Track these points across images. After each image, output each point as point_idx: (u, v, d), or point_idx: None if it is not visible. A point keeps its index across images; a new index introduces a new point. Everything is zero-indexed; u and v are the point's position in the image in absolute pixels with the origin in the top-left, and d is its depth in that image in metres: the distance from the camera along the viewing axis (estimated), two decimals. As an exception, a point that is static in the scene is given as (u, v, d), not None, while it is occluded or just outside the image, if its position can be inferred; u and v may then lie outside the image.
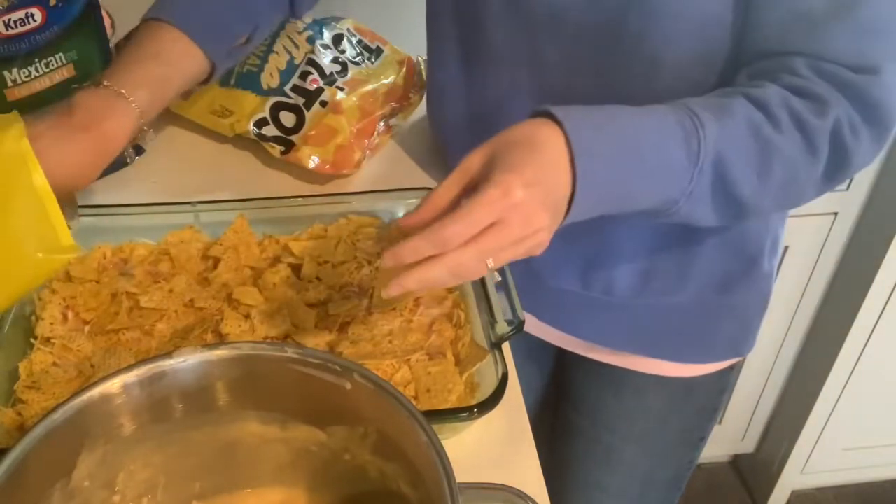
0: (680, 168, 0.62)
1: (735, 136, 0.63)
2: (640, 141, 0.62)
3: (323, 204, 0.87)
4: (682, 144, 0.62)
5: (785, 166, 0.65)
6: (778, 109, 0.64)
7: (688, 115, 0.63)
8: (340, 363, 0.53)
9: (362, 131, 0.97)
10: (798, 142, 0.65)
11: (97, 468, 0.53)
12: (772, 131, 0.64)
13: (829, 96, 0.65)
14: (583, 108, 0.61)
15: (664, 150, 0.62)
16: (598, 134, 0.60)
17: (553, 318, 0.95)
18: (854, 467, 1.84)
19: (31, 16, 0.82)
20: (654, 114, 0.63)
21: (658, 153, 0.62)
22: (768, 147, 0.64)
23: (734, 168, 0.64)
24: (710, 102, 0.65)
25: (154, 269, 0.81)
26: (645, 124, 0.63)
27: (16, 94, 0.85)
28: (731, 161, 0.63)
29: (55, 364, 0.72)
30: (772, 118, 0.64)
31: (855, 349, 1.58)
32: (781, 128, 0.64)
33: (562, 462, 1.08)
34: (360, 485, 0.57)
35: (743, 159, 0.64)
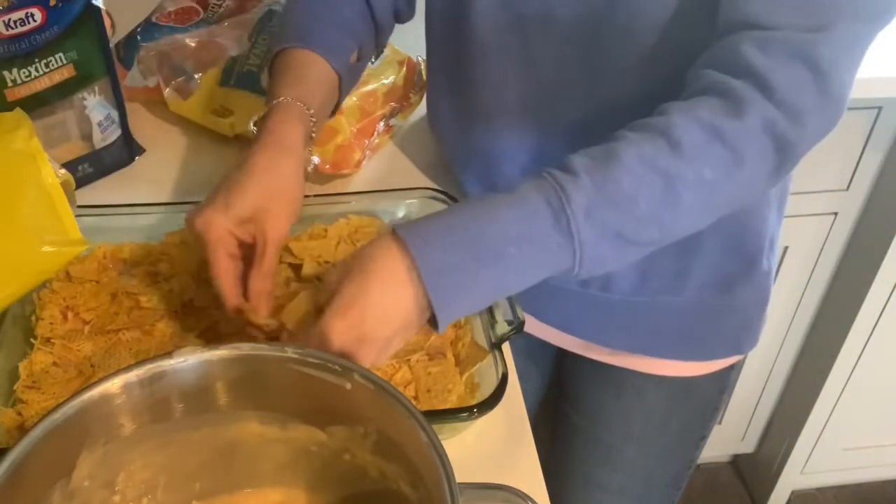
0: (556, 247, 0.60)
1: (626, 183, 0.60)
2: (495, 239, 0.60)
3: (323, 204, 0.87)
4: (552, 225, 0.60)
5: (696, 188, 0.62)
6: (680, 130, 0.61)
7: (553, 190, 0.60)
8: (340, 363, 0.53)
9: (362, 131, 0.97)
10: (713, 154, 0.62)
11: (97, 468, 0.53)
12: (670, 159, 0.61)
13: (755, 89, 0.62)
14: (430, 224, 0.61)
15: (528, 239, 0.60)
16: (447, 251, 0.60)
17: (553, 318, 0.95)
18: (854, 467, 1.84)
19: (31, 16, 0.82)
20: (514, 204, 0.61)
21: (521, 244, 0.60)
22: (669, 177, 0.61)
23: (627, 218, 0.61)
24: (592, 155, 0.62)
25: (154, 269, 0.81)
26: (500, 220, 0.60)
27: (16, 94, 0.85)
28: (623, 216, 0.61)
29: (55, 364, 0.72)
30: (671, 144, 0.61)
31: (855, 349, 1.58)
32: (682, 151, 0.61)
33: (562, 461, 1.08)
34: (360, 485, 0.57)
35: (641, 204, 0.61)
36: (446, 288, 0.59)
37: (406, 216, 0.88)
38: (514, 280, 0.62)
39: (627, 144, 0.62)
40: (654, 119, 0.63)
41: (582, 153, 0.63)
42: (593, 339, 0.95)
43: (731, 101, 0.62)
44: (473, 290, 0.61)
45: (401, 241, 0.59)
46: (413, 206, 0.88)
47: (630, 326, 0.92)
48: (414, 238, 0.59)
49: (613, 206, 0.60)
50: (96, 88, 0.93)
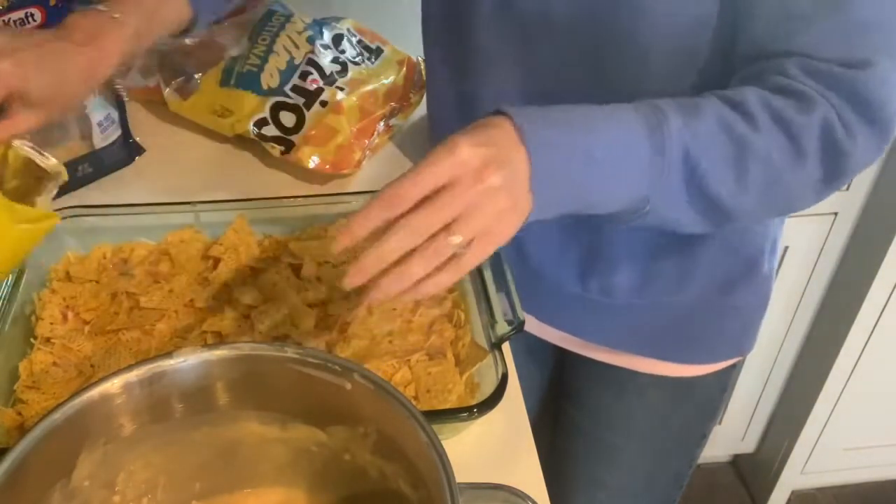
0: (646, 162, 0.60)
1: (705, 133, 0.62)
2: (598, 134, 0.60)
3: (323, 204, 0.87)
4: (646, 138, 0.60)
5: (764, 166, 0.63)
6: (755, 108, 0.62)
7: (651, 110, 0.61)
8: (340, 363, 0.53)
9: (362, 131, 0.97)
10: (780, 141, 0.63)
11: (97, 468, 0.53)
12: (747, 129, 0.62)
13: (817, 94, 0.63)
14: (539, 108, 0.60)
15: (626, 143, 0.60)
16: (552, 125, 0.59)
17: (553, 318, 0.95)
18: (854, 467, 1.84)
19: (31, 16, 0.82)
20: (616, 110, 0.62)
21: (620, 146, 0.60)
22: (743, 145, 0.62)
23: (705, 163, 0.62)
24: (680, 101, 0.63)
25: (154, 269, 0.81)
26: (604, 119, 0.61)
27: (16, 94, 0.85)
28: (701, 157, 0.62)
29: (55, 364, 0.72)
30: (747, 117, 0.62)
31: (855, 349, 1.58)
32: (758, 126, 0.62)
33: (564, 461, 1.08)
34: (360, 485, 0.57)
35: (715, 156, 0.62)
36: (549, 160, 0.58)
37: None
38: (603, 182, 0.60)
39: (711, 104, 0.63)
40: (731, 91, 0.64)
41: (666, 99, 0.63)
42: (594, 340, 0.95)
43: (797, 99, 0.63)
44: (568, 178, 0.59)
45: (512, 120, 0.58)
46: (413, 206, 0.88)
47: (631, 328, 0.92)
48: (523, 115, 0.58)
49: (698, 147, 0.61)
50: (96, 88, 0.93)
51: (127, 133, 0.98)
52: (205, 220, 0.85)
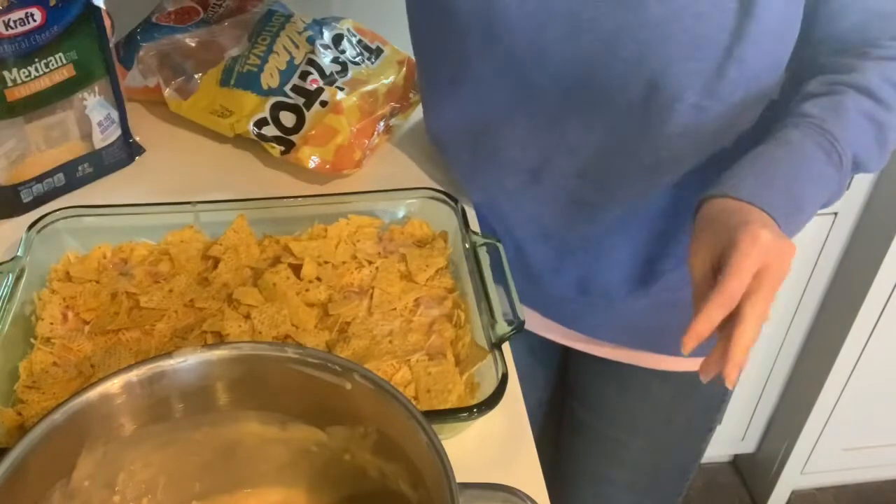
0: (833, 181, 0.70)
1: (854, 128, 0.71)
2: (803, 186, 0.69)
3: (323, 204, 0.86)
4: (828, 163, 0.69)
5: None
6: (881, 91, 0.71)
7: (819, 133, 0.70)
8: (340, 363, 0.53)
9: (362, 131, 0.97)
10: None
11: (97, 468, 0.53)
12: (884, 113, 0.71)
13: None
14: (746, 176, 0.68)
15: (820, 181, 0.70)
16: (772, 191, 0.67)
17: (556, 315, 0.95)
18: (854, 467, 1.84)
19: (31, 16, 0.82)
20: (798, 149, 0.70)
21: (820, 190, 0.70)
22: (883, 128, 0.71)
23: (861, 152, 0.71)
24: (824, 105, 0.71)
25: (154, 269, 0.81)
26: (797, 164, 0.69)
27: (16, 94, 0.85)
28: (858, 149, 0.71)
29: (55, 364, 0.72)
30: (880, 102, 0.71)
31: (855, 349, 1.58)
32: (890, 105, 0.71)
33: (569, 457, 1.08)
34: (361, 485, 0.57)
35: (865, 142, 0.71)
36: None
37: (406, 216, 0.88)
38: (811, 210, 0.70)
39: (850, 101, 0.71)
40: (854, 77, 0.72)
41: (812, 103, 0.72)
42: (597, 336, 0.95)
43: None
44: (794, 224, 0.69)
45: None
46: (413, 205, 0.88)
47: (632, 325, 0.92)
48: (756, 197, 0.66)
49: (855, 144, 0.71)
50: (96, 88, 0.93)
51: (127, 133, 0.98)
52: (205, 220, 0.85)
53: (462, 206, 0.85)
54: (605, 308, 0.91)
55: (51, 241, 0.81)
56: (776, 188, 0.68)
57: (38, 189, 0.91)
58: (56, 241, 0.81)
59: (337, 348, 0.73)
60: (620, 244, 0.86)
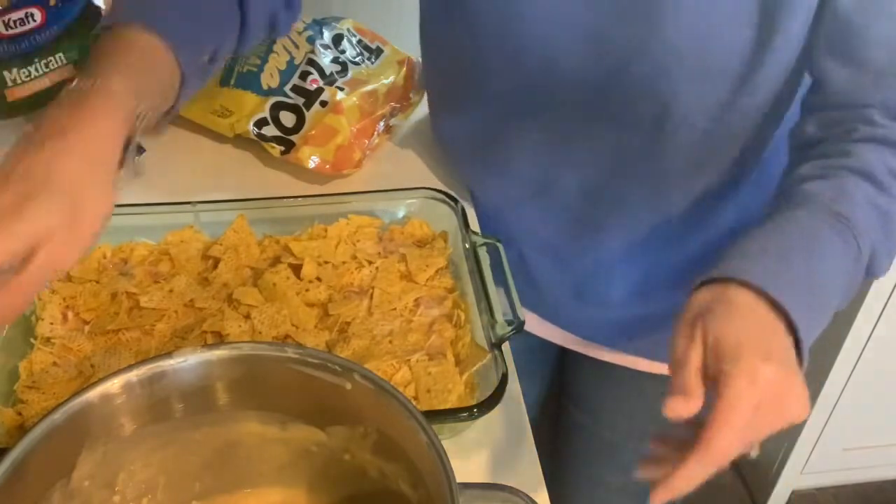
0: (850, 274, 0.65)
1: (863, 217, 0.65)
2: (823, 275, 0.63)
3: (323, 204, 0.86)
4: (845, 252, 0.64)
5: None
6: (883, 176, 0.67)
7: (835, 219, 0.64)
8: (340, 363, 0.53)
9: (362, 131, 0.97)
10: None
11: (97, 468, 0.53)
12: (886, 201, 0.66)
13: None
14: (759, 263, 0.60)
15: (839, 269, 0.64)
16: (791, 285, 0.59)
17: (553, 318, 0.95)
18: (854, 467, 1.84)
19: (31, 16, 0.82)
20: (817, 239, 0.64)
21: (836, 274, 0.64)
22: (887, 217, 0.67)
23: (877, 246, 0.66)
24: (834, 191, 0.66)
25: (154, 269, 0.81)
26: (817, 253, 0.64)
27: (16, 94, 0.85)
28: (874, 240, 0.66)
29: (55, 364, 0.72)
30: (882, 188, 0.67)
31: (855, 349, 1.58)
32: (892, 194, 0.67)
33: (565, 459, 1.08)
34: (360, 485, 0.57)
35: (877, 234, 0.66)
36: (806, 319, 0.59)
37: (406, 216, 0.88)
38: (833, 304, 0.66)
39: (855, 188, 0.66)
40: (852, 161, 0.67)
41: (812, 184, 0.67)
42: (595, 340, 0.95)
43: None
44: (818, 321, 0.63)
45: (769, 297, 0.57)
46: (413, 205, 0.88)
47: (631, 331, 0.92)
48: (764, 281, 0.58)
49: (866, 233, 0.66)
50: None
51: (127, 133, 0.98)
52: (205, 220, 0.85)
53: (462, 206, 0.85)
54: (602, 314, 0.91)
55: (51, 241, 0.81)
56: (794, 276, 0.60)
57: (38, 189, 0.91)
58: (56, 241, 0.81)
59: (337, 348, 0.73)
60: (620, 261, 0.87)
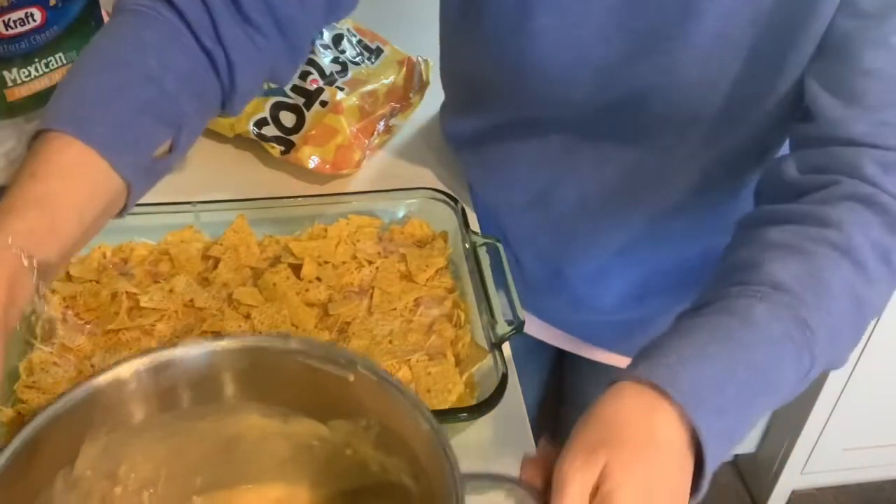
0: (793, 389, 0.57)
1: (839, 317, 0.58)
2: (759, 388, 0.55)
3: (323, 204, 0.87)
4: (795, 365, 0.56)
5: (874, 311, 0.62)
6: (866, 256, 0.59)
7: (800, 330, 0.56)
8: (344, 355, 0.53)
9: (362, 131, 0.97)
10: (884, 275, 0.61)
11: (99, 458, 0.53)
12: (864, 287, 0.59)
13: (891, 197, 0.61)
14: (697, 377, 0.53)
15: (780, 379, 0.56)
16: (722, 413, 0.53)
17: (553, 318, 0.95)
18: (854, 467, 1.84)
19: (31, 16, 0.82)
20: (765, 342, 0.56)
21: (775, 388, 0.56)
22: (860, 304, 0.59)
23: (835, 356, 0.60)
24: (805, 281, 0.58)
25: (154, 269, 0.81)
26: (762, 383, 0.56)
27: (16, 94, 0.85)
28: (834, 352, 0.60)
29: (55, 364, 0.72)
30: (861, 269, 0.59)
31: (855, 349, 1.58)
32: (871, 277, 0.59)
33: None
34: (362, 479, 0.57)
35: (843, 333, 0.60)
36: (720, 449, 0.52)
37: (406, 216, 0.88)
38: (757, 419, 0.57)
39: (834, 273, 0.59)
40: (832, 233, 0.60)
41: (782, 264, 0.58)
42: (592, 341, 0.95)
43: (884, 217, 0.61)
44: (732, 443, 0.54)
45: (677, 406, 0.51)
46: (413, 205, 0.88)
47: (627, 334, 0.92)
48: (691, 401, 0.51)
49: (830, 337, 0.58)
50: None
51: (126, 134, 0.98)
52: (205, 220, 0.85)
53: (462, 206, 0.85)
54: (600, 318, 0.91)
55: (51, 241, 0.81)
56: (729, 403, 0.53)
57: (38, 190, 0.91)
58: (56, 241, 0.81)
59: (337, 346, 0.73)
60: (617, 268, 0.87)
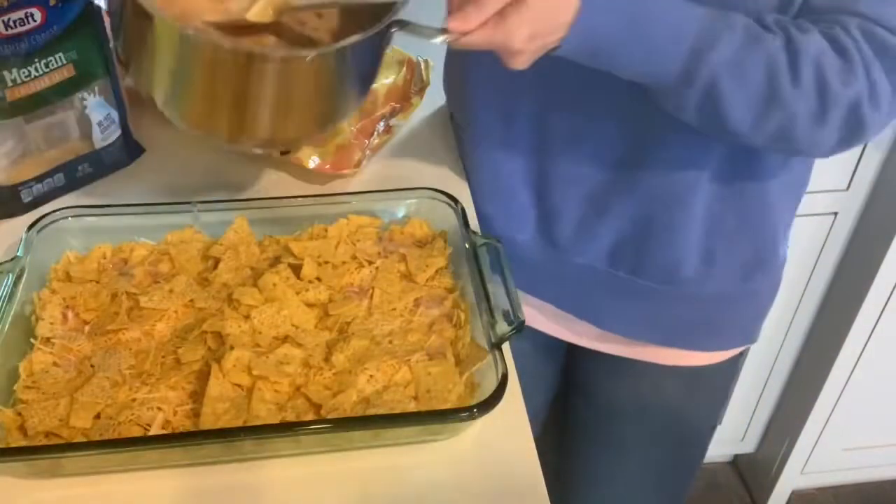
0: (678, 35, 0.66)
1: (748, 65, 0.66)
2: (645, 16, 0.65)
3: (323, 204, 0.87)
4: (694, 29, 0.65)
5: (784, 118, 0.68)
6: (805, 65, 0.66)
7: (717, 15, 0.66)
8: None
9: (362, 131, 0.97)
10: (811, 104, 0.67)
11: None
12: (787, 80, 0.66)
13: (863, 63, 0.67)
14: None
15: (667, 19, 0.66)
16: None
17: (573, 305, 0.94)
18: (854, 467, 1.84)
19: (31, 16, 0.82)
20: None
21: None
22: (774, 90, 0.67)
23: (728, 82, 0.66)
24: (744, 30, 0.67)
25: (154, 269, 0.81)
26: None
27: (16, 94, 0.85)
28: (729, 73, 0.66)
29: (55, 364, 0.73)
30: (794, 69, 0.66)
31: (855, 349, 1.58)
32: (800, 83, 0.66)
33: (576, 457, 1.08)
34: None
35: (742, 83, 0.67)
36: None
37: (406, 216, 0.88)
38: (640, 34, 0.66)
39: (768, 39, 0.66)
40: (797, 35, 0.67)
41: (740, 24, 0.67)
42: (612, 328, 0.93)
43: (846, 63, 0.67)
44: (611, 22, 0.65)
45: None
46: (413, 205, 0.88)
47: (651, 316, 0.91)
48: None
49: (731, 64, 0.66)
50: (96, 88, 0.93)
51: (127, 133, 0.98)
52: (205, 220, 0.85)
53: (462, 206, 0.85)
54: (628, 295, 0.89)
55: (51, 241, 0.81)
56: None
57: (38, 189, 0.91)
58: (56, 241, 0.81)
59: (337, 348, 0.73)
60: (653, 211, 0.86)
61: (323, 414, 0.68)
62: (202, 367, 0.72)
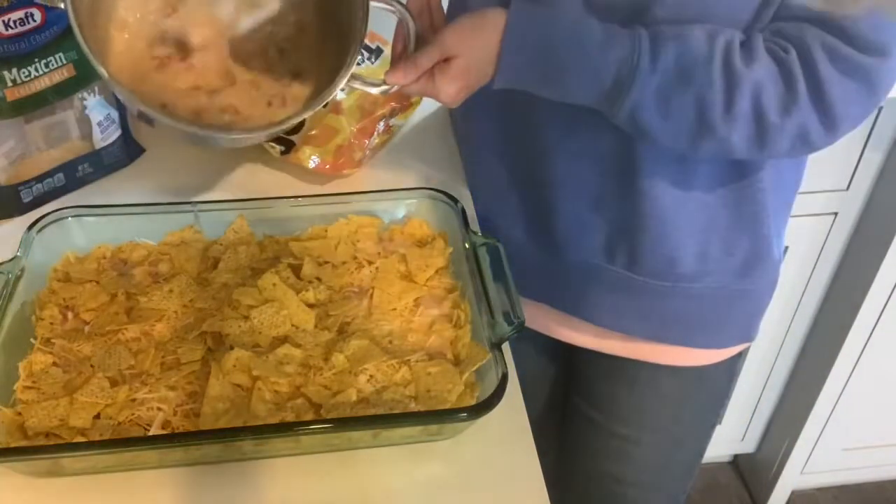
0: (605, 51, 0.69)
1: (669, 101, 0.70)
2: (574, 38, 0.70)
3: (323, 204, 0.87)
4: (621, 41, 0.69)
5: (717, 144, 0.71)
6: (742, 97, 0.68)
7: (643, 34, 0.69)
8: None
9: (362, 131, 0.97)
10: (748, 131, 0.70)
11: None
12: (719, 115, 0.69)
13: (811, 91, 0.68)
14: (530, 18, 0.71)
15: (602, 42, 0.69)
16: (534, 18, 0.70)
17: (570, 304, 0.94)
18: (854, 467, 1.83)
19: (31, 16, 0.82)
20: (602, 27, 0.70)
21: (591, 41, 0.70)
22: (707, 126, 0.70)
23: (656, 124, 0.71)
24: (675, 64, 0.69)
25: (154, 269, 0.81)
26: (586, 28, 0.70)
27: (16, 93, 0.85)
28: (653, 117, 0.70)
29: (55, 364, 0.73)
30: (729, 103, 0.68)
31: (855, 349, 1.58)
32: (733, 114, 0.69)
33: (576, 455, 1.08)
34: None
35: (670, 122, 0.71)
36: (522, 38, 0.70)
37: (406, 216, 0.88)
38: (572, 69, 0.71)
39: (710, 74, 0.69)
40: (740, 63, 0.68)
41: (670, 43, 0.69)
42: (610, 326, 0.93)
43: (788, 92, 0.69)
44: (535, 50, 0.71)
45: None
46: (413, 205, 0.88)
47: (648, 312, 0.91)
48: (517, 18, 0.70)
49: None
50: (96, 88, 0.93)
51: (127, 133, 0.98)
52: (205, 220, 0.85)
53: (462, 206, 0.85)
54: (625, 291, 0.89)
55: (51, 242, 0.81)
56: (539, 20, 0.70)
57: (38, 189, 0.91)
58: (56, 241, 0.81)
59: (336, 348, 0.73)
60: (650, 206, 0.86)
61: (323, 414, 0.68)
62: (202, 367, 0.72)
